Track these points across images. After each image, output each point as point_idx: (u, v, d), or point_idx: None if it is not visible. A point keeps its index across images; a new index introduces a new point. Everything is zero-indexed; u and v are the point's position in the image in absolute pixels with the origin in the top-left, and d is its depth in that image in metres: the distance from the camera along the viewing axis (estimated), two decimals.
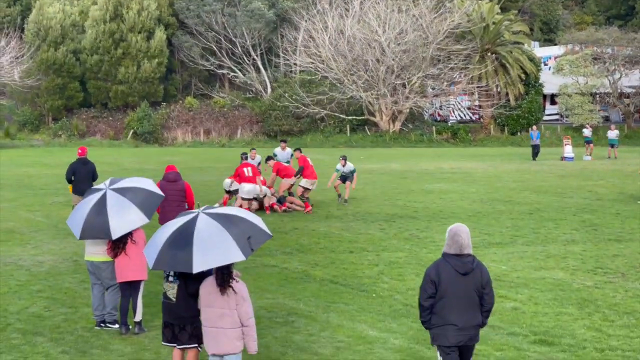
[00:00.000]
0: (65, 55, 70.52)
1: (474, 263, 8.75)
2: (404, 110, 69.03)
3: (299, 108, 67.66)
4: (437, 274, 8.67)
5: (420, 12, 66.69)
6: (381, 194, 30.43)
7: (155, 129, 68.60)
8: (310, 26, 69.11)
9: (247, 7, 73.44)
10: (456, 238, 8.70)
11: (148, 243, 9.64)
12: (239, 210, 9.73)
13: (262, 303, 13.68)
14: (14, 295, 14.25)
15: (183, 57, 76.30)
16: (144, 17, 71.27)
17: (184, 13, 75.26)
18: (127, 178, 12.66)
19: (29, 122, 71.38)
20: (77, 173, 21.60)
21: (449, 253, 8.73)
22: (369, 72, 67.58)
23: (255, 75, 75.21)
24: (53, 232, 21.11)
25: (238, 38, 73.92)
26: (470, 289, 8.67)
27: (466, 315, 8.68)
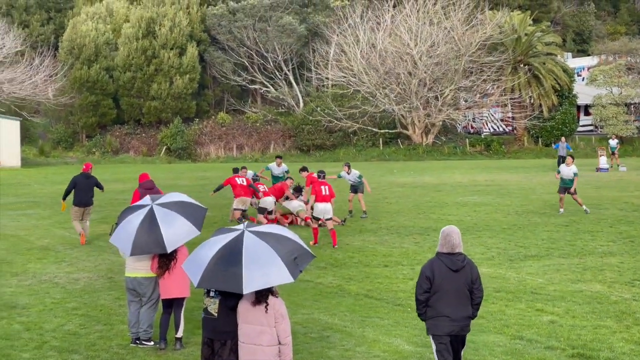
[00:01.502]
0: (98, 73, 71.09)
1: (464, 261, 9.54)
2: (437, 122, 68.84)
3: (332, 122, 67.68)
4: (432, 270, 9.49)
5: (452, 25, 66.53)
6: (415, 207, 30.23)
7: (188, 145, 68.87)
8: (341, 40, 69.23)
9: (278, 23, 73.66)
10: (448, 238, 9.53)
11: (189, 259, 9.54)
12: (282, 228, 9.62)
13: (297, 318, 13.56)
14: (49, 313, 14.24)
15: (215, 73, 76.66)
16: (176, 33, 71.71)
17: (216, 29, 75.62)
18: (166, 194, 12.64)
19: (63, 139, 71.95)
20: (79, 185, 22.26)
21: (442, 252, 9.56)
22: (401, 85, 67.47)
23: (288, 90, 75.34)
24: (87, 250, 21.14)
25: (270, 53, 74.16)
26: (461, 284, 9.48)
27: (458, 307, 9.50)
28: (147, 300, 12.37)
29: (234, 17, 75.29)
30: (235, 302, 9.14)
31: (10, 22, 74.31)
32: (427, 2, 67.82)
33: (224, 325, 9.36)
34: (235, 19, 75.07)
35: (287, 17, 74.23)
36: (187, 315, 12.85)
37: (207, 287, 9.27)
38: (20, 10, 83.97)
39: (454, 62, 66.68)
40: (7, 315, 14.05)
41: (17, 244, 22.01)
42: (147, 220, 11.69)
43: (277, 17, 74.22)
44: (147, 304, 12.39)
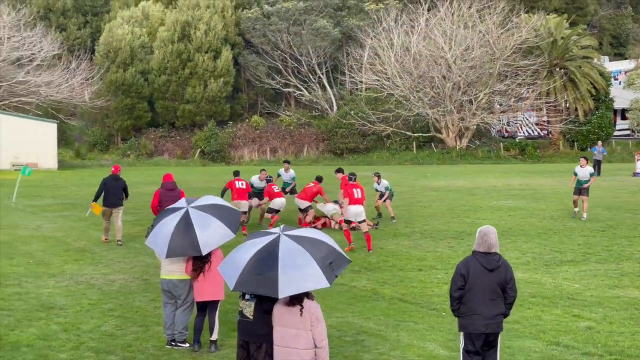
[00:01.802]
0: (133, 76, 71.59)
1: (499, 261, 9.76)
2: (471, 126, 68.57)
3: (365, 125, 67.66)
4: (467, 268, 9.72)
5: (487, 28, 66.22)
6: (449, 211, 30.13)
7: (222, 148, 69.11)
8: (375, 43, 69.18)
9: (312, 26, 73.75)
10: (485, 238, 9.75)
11: (224, 261, 9.57)
12: (318, 232, 9.62)
13: (331, 322, 13.57)
14: (86, 314, 14.37)
15: (249, 76, 76.88)
16: (211, 37, 72.02)
17: (250, 32, 75.84)
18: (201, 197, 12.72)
19: (98, 142, 72.53)
20: (109, 187, 22.69)
21: (478, 251, 9.76)
22: (435, 88, 67.29)
23: (321, 93, 75.38)
24: (123, 251, 21.30)
25: (304, 56, 74.26)
26: (495, 283, 9.67)
27: (491, 306, 9.70)
28: (182, 303, 12.45)
29: (269, 21, 75.47)
30: (271, 306, 9.16)
31: (48, 26, 75.04)
32: (462, 5, 67.59)
33: (260, 328, 9.37)
34: (269, 23, 75.24)
35: (322, 20, 74.29)
36: (221, 317, 12.91)
37: (242, 291, 9.29)
38: (58, 14, 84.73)
39: (489, 66, 66.38)
40: (45, 315, 14.20)
41: (55, 245, 22.22)
42: (182, 223, 11.80)
43: (312, 20, 74.30)
44: (182, 306, 12.47)
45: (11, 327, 13.47)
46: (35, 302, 15.18)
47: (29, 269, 18.71)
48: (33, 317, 14.10)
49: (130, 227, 26.15)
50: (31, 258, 20.13)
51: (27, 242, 22.76)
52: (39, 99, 66.02)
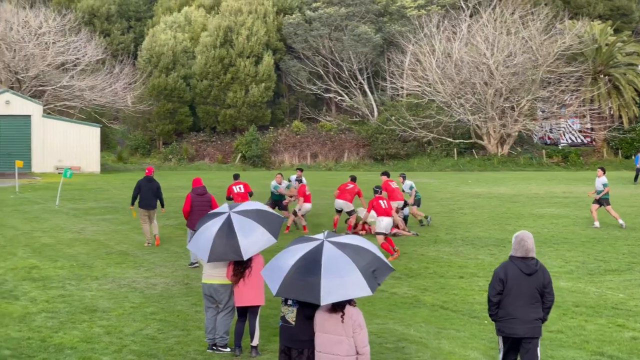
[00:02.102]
0: (176, 81, 72.11)
1: (537, 265, 9.90)
2: (513, 133, 68.13)
3: (406, 131, 67.51)
4: (505, 273, 9.87)
5: (529, 34, 65.79)
6: (490, 218, 29.95)
7: (263, 153, 69.30)
8: (417, 49, 69.03)
9: (354, 32, 73.76)
10: (522, 243, 9.90)
11: (267, 266, 9.59)
12: (362, 239, 9.60)
13: (372, 328, 13.52)
14: (128, 317, 14.47)
15: (290, 82, 77.08)
16: (253, 42, 72.31)
17: (292, 38, 76.05)
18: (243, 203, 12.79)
19: (140, 146, 73.11)
20: (143, 189, 23.19)
21: (515, 256, 9.92)
22: (476, 95, 66.98)
23: (362, 99, 75.34)
24: (165, 255, 21.43)
25: (345, 62, 74.30)
26: (533, 288, 9.82)
27: (529, 310, 9.84)
28: (223, 307, 12.49)
29: (310, 26, 75.63)
30: (313, 312, 9.16)
31: (92, 31, 75.79)
32: (505, 11, 67.22)
33: (302, 334, 9.37)
34: (311, 28, 75.39)
35: (363, 26, 74.28)
36: (262, 322, 12.93)
37: (285, 297, 9.31)
38: (102, 19, 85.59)
39: (532, 72, 65.93)
40: (89, 318, 14.32)
41: (97, 249, 22.42)
42: (224, 228, 11.86)
43: (353, 26, 74.31)
44: (224, 311, 12.51)
45: (55, 329, 13.60)
46: (79, 305, 15.33)
47: (72, 271, 18.89)
48: (76, 319, 14.23)
49: (171, 230, 26.36)
50: (74, 261, 20.32)
51: (71, 245, 22.99)
52: (83, 103, 66.74)
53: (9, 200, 36.65)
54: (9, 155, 54.39)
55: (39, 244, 23.20)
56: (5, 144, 55.93)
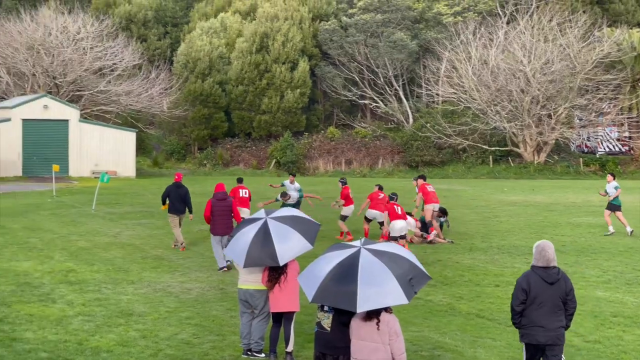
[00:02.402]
0: (211, 87, 72.43)
1: (559, 274, 10.03)
2: (550, 141, 67.66)
3: (441, 138, 67.32)
4: (528, 283, 9.98)
5: (567, 42, 65.33)
6: (526, 226, 29.74)
7: (298, 159, 69.40)
8: (453, 56, 68.82)
9: (389, 38, 73.68)
10: (543, 253, 10.05)
11: (304, 272, 9.59)
12: (399, 248, 9.57)
13: (407, 336, 13.44)
14: (164, 322, 14.52)
15: (325, 88, 77.12)
16: (289, 48, 72.45)
17: (327, 44, 76.11)
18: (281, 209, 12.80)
19: (175, 151, 73.49)
20: (172, 195, 23.66)
21: (537, 266, 10.04)
22: (513, 102, 66.61)
23: (397, 106, 75.20)
24: (200, 260, 21.51)
25: (380, 68, 74.23)
26: (555, 296, 9.95)
27: (552, 318, 9.97)
28: (259, 313, 12.49)
29: (346, 33, 75.66)
30: (349, 319, 9.14)
31: (129, 36, 76.36)
32: (542, 18, 66.81)
33: (337, 341, 9.36)
34: (346, 34, 75.42)
35: (399, 33, 74.18)
36: (297, 328, 12.92)
37: (320, 303, 9.30)
38: (139, 24, 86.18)
39: (569, 80, 65.44)
40: (124, 322, 14.40)
41: (133, 253, 22.55)
42: (261, 233, 11.88)
43: (389, 32, 74.23)
44: (259, 316, 12.52)
45: (91, 332, 13.69)
46: (115, 309, 15.41)
47: (108, 275, 19.01)
48: (112, 323, 14.31)
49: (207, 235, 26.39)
50: (111, 265, 20.45)
51: (107, 249, 23.14)
52: (119, 108, 67.29)
53: (46, 204, 37.00)
54: (46, 160, 54.96)
55: (75, 247, 23.38)
56: (43, 148, 56.48)
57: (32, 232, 26.73)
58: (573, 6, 71.55)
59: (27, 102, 56.86)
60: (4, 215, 31.43)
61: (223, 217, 19.88)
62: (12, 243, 23.95)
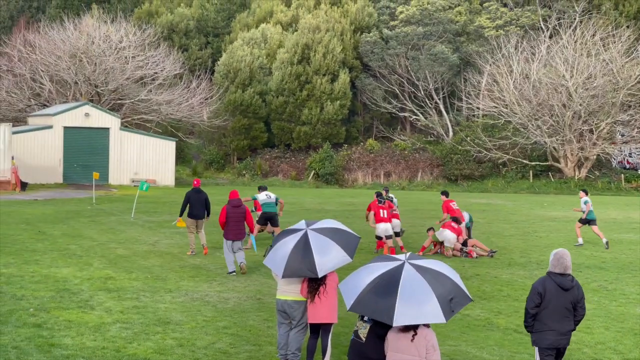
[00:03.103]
0: (252, 97, 72.70)
1: (573, 281, 10.61)
2: (591, 156, 67.07)
3: (481, 152, 67.02)
4: (543, 288, 10.52)
5: (610, 57, 64.78)
6: (566, 242, 29.44)
7: (337, 170, 69.40)
8: (494, 70, 68.56)
9: (430, 51, 73.58)
10: (561, 260, 10.57)
11: (346, 280, 9.58)
12: (444, 265, 9.52)
13: (444, 350, 13.37)
14: (201, 331, 14.53)
15: (365, 100, 77.16)
16: (329, 60, 72.57)
17: (368, 56, 76.17)
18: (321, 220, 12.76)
19: (215, 160, 73.80)
20: (192, 200, 24.39)
21: (554, 272, 10.58)
22: (554, 117, 66.17)
23: (437, 119, 75.00)
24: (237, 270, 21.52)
25: (421, 81, 74.11)
26: (568, 302, 10.51)
27: (564, 322, 10.54)
28: (296, 324, 12.45)
29: (387, 45, 75.68)
30: (385, 332, 9.10)
31: (171, 46, 76.93)
32: (586, 33, 66.33)
33: (370, 351, 9.35)
34: (387, 47, 75.44)
35: (440, 45, 74.05)
36: (334, 340, 12.88)
37: (358, 312, 9.29)
38: (181, 34, 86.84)
39: (612, 95, 64.88)
40: (162, 330, 14.43)
41: (171, 262, 22.63)
42: (301, 244, 11.85)
43: (430, 45, 74.15)
44: (297, 327, 12.48)
45: (129, 340, 13.73)
46: (152, 317, 15.46)
47: (146, 283, 19.09)
48: (150, 331, 14.35)
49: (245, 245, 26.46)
50: (149, 273, 20.54)
51: (145, 257, 23.26)
52: (160, 117, 67.75)
53: (85, 211, 37.30)
54: (86, 167, 55.49)
55: (114, 255, 23.52)
56: (84, 155, 56.99)
57: (71, 239, 26.95)
58: (617, 21, 70.97)
59: (69, 109, 57.43)
60: (45, 222, 31.75)
61: (236, 223, 20.81)
62: (52, 249, 24.16)
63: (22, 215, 33.96)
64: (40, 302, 16.39)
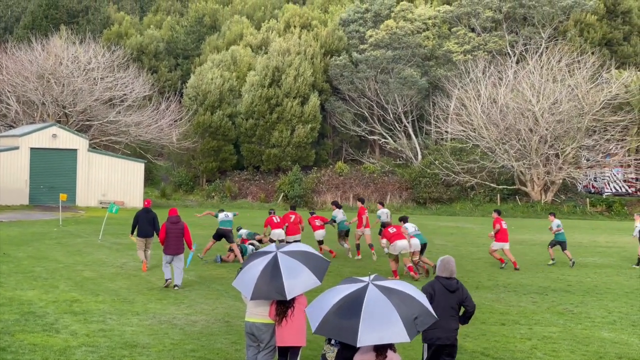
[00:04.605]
0: (221, 119, 72.71)
1: (458, 284, 11.79)
2: (557, 181, 67.68)
3: (449, 176, 67.41)
4: (433, 289, 11.64)
5: (576, 82, 65.56)
6: (533, 265, 29.67)
7: (306, 193, 69.46)
8: (462, 94, 69.11)
9: (399, 75, 74.07)
10: (447, 266, 11.81)
11: (312, 303, 9.60)
12: (408, 286, 9.57)
13: None
14: (168, 354, 14.44)
15: (335, 122, 77.49)
16: (300, 82, 72.78)
17: (338, 79, 76.55)
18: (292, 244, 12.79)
19: (184, 182, 73.60)
20: (141, 219, 25.51)
21: (442, 276, 11.77)
22: (521, 141, 66.76)
23: (406, 142, 75.42)
24: (205, 292, 21.45)
25: (390, 104, 74.58)
26: (454, 302, 11.67)
27: (450, 321, 11.58)
28: (264, 347, 12.42)
29: (356, 68, 76.10)
30: (352, 354, 9.12)
31: (140, 67, 76.84)
32: (551, 59, 67.10)
33: None
34: (357, 70, 75.86)
35: (409, 69, 74.58)
36: None
37: (323, 335, 9.30)
38: (150, 56, 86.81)
39: (577, 120, 65.60)
40: (129, 354, 14.32)
41: (139, 284, 22.51)
42: (269, 267, 11.84)
43: (399, 69, 74.64)
44: (265, 350, 12.44)
45: None
46: (119, 340, 15.36)
47: (113, 306, 18.98)
48: (116, 354, 14.24)
49: (213, 268, 26.43)
50: (116, 295, 20.42)
51: (113, 280, 23.12)
52: (128, 139, 67.50)
53: (52, 233, 37.03)
54: (53, 189, 55.11)
55: (80, 277, 23.36)
56: (51, 177, 56.59)
57: (37, 261, 26.74)
58: (582, 47, 71.86)
59: (36, 130, 57.05)
60: (10, 244, 31.46)
61: (176, 238, 21.85)
62: (16, 272, 23.95)
63: None
64: (4, 325, 16.23)
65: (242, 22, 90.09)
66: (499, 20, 76.57)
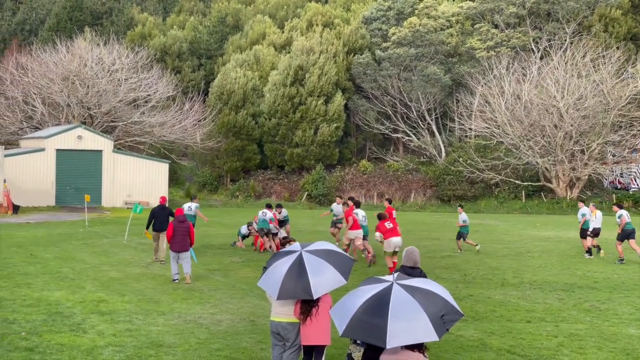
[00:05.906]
0: (245, 119, 72.83)
1: (421, 273, 12.49)
2: (582, 177, 67.22)
3: (474, 173, 67.12)
4: None
5: (601, 78, 65.04)
6: (558, 262, 29.50)
7: (329, 191, 69.43)
8: (486, 91, 68.78)
9: (423, 72, 73.87)
10: (411, 256, 12.59)
11: (336, 306, 9.56)
12: (432, 284, 9.52)
13: None
14: (194, 353, 14.48)
15: (359, 121, 77.37)
16: (324, 81, 72.73)
17: (361, 77, 76.44)
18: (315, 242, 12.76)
19: (208, 182, 73.80)
20: (156, 215, 27.64)
21: (406, 265, 12.56)
22: (546, 137, 66.35)
23: (430, 140, 75.22)
24: (231, 292, 21.49)
25: (413, 102, 74.38)
26: None
27: None
28: (290, 346, 12.44)
29: (380, 66, 75.97)
30: (378, 355, 9.08)
31: (164, 68, 77.13)
32: (576, 54, 66.66)
33: None
34: (380, 68, 75.73)
35: (432, 67, 74.37)
36: None
37: (351, 337, 9.25)
38: (174, 56, 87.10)
39: (602, 116, 65.10)
40: (155, 353, 14.38)
41: (164, 284, 22.61)
42: (295, 266, 11.83)
43: (422, 66, 74.45)
44: (290, 349, 12.46)
45: None
46: (145, 339, 15.43)
47: (139, 306, 19.06)
48: (143, 354, 14.31)
49: (238, 267, 26.48)
50: (142, 295, 20.51)
51: (138, 280, 23.24)
52: (153, 139, 67.74)
53: (78, 234, 37.26)
54: (79, 190, 55.44)
55: (107, 277, 23.50)
56: (77, 178, 56.93)
57: (63, 261, 26.92)
58: (607, 42, 71.32)
59: (62, 132, 57.40)
60: (37, 245, 31.70)
61: (181, 237, 22.88)
62: (44, 273, 24.12)
63: (13, 239, 33.91)
64: (32, 326, 16.35)
65: (264, 22, 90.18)
66: (522, 16, 76.16)
